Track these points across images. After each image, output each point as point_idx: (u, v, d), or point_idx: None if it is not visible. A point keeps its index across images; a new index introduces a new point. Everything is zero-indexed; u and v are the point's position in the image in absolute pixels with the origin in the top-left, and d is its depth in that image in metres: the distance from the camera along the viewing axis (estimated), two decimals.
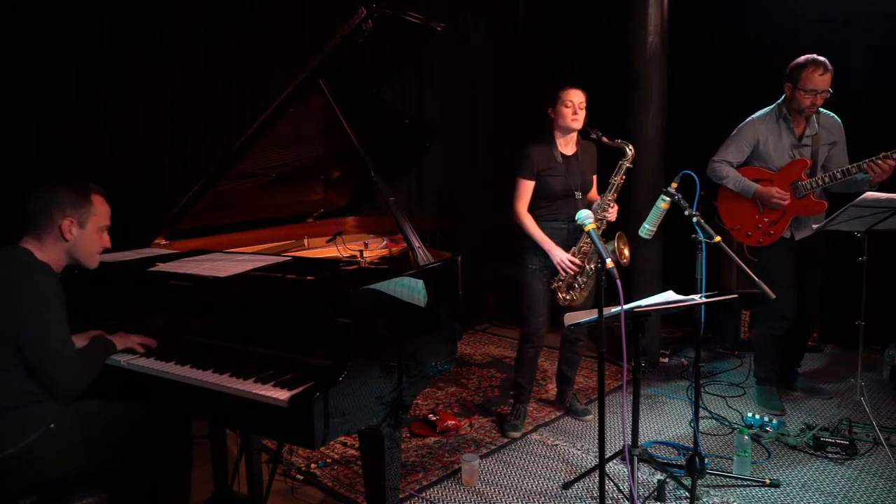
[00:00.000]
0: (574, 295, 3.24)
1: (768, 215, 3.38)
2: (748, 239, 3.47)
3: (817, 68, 3.20)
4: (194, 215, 2.68)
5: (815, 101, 3.25)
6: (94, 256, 2.06)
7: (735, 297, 2.93)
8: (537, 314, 3.34)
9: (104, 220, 2.05)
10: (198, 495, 2.52)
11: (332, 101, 2.32)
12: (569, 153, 3.28)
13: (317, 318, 1.91)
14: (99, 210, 2.02)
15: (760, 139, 3.41)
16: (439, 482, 2.90)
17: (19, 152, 3.02)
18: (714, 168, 3.48)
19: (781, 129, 3.39)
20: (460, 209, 4.99)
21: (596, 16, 5.63)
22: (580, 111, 3.18)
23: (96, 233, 2.03)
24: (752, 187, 3.38)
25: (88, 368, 1.98)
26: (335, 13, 3.90)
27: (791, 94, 3.30)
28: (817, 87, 3.21)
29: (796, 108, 3.31)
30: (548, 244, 3.21)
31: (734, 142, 3.48)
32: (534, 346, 3.41)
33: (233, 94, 3.72)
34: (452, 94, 4.98)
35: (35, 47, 3.03)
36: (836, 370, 4.14)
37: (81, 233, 1.98)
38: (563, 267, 3.17)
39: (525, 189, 3.25)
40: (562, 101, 3.18)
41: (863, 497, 2.71)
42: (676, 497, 2.73)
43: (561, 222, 3.26)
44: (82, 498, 1.85)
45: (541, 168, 3.21)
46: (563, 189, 3.22)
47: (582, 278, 3.21)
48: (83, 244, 2.00)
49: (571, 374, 3.58)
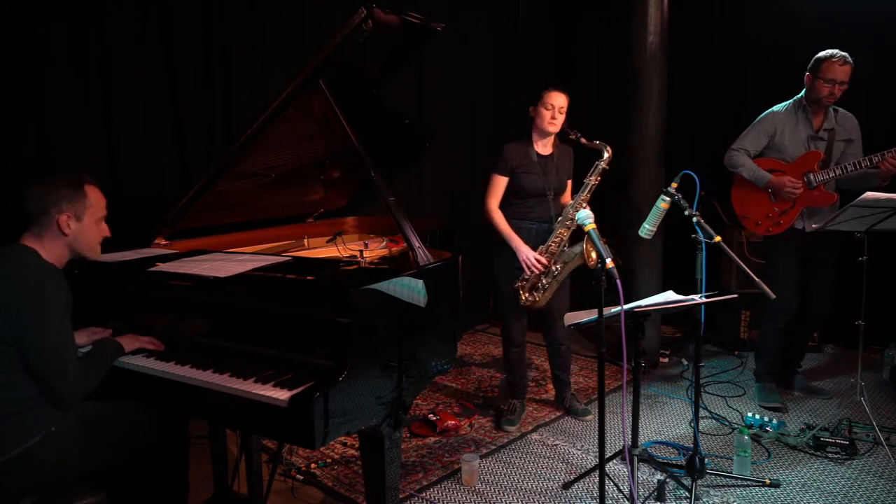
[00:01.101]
0: (537, 296, 3.21)
1: (779, 205, 3.41)
2: (758, 228, 3.49)
3: (837, 59, 3.25)
4: (194, 215, 2.68)
5: (834, 92, 3.28)
6: (95, 248, 2.05)
7: (735, 297, 2.93)
8: (513, 313, 3.36)
9: (101, 210, 2.03)
10: (198, 495, 2.52)
11: (332, 101, 2.32)
12: (545, 153, 3.29)
13: (317, 318, 1.91)
14: (94, 201, 2.01)
15: (778, 129, 3.46)
16: (439, 482, 2.90)
17: (19, 152, 3.02)
18: (731, 156, 3.52)
19: (799, 120, 3.43)
20: (460, 209, 4.99)
21: (596, 16, 5.64)
22: (559, 115, 3.18)
23: (94, 224, 2.02)
24: (765, 177, 3.41)
25: (92, 375, 1.97)
26: (335, 13, 3.90)
27: (811, 83, 3.35)
28: (836, 78, 3.25)
29: (814, 98, 3.34)
30: (515, 241, 3.21)
31: (753, 130, 3.52)
32: (516, 345, 3.43)
33: (233, 94, 3.72)
34: (452, 94, 4.97)
35: (35, 47, 3.03)
36: (836, 370, 4.14)
37: (80, 226, 1.97)
38: (529, 265, 3.17)
39: (497, 185, 3.27)
40: (542, 103, 3.19)
41: (863, 497, 2.71)
42: (676, 497, 2.73)
43: (531, 221, 3.27)
44: (82, 498, 1.85)
45: (515, 165, 3.23)
46: (535, 188, 3.23)
47: (546, 279, 3.19)
48: (83, 237, 1.99)
49: (565, 377, 3.56)
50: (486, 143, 5.26)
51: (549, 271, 3.17)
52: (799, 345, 3.81)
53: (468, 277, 2.43)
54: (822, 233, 3.32)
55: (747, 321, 4.49)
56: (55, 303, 1.87)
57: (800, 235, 3.43)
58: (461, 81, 5.03)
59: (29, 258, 1.90)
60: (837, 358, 4.37)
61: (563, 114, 3.19)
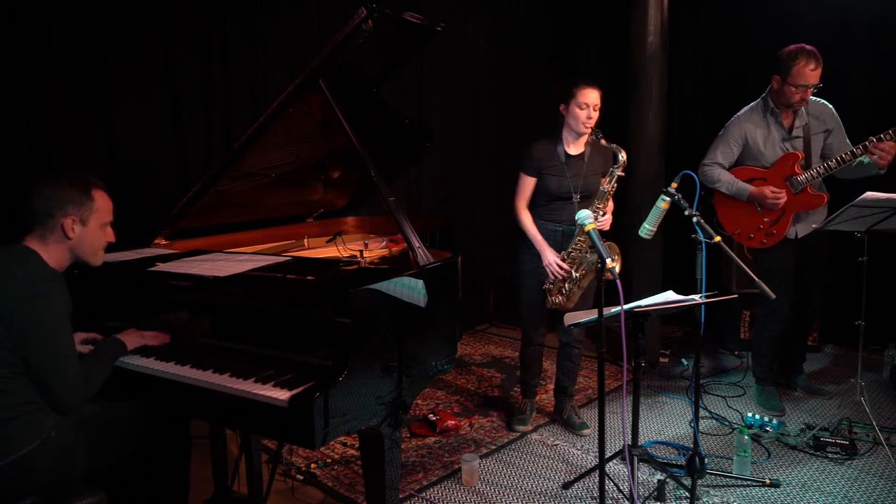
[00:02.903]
0: (562, 300, 3.16)
1: (768, 215, 3.28)
2: (751, 241, 3.37)
3: (808, 62, 3.07)
4: (194, 215, 2.68)
5: (805, 96, 3.14)
6: (97, 254, 2.01)
7: (735, 297, 2.93)
8: (535, 313, 3.32)
9: (107, 216, 2.00)
10: (198, 495, 2.52)
11: (332, 101, 2.32)
12: (574, 153, 3.13)
13: (317, 318, 1.91)
14: (101, 206, 1.97)
15: (749, 137, 3.32)
16: (439, 482, 2.90)
17: (19, 152, 3.02)
18: (705, 172, 3.37)
19: (770, 124, 3.29)
20: (460, 209, 4.99)
21: (596, 16, 5.63)
22: (594, 114, 3.00)
23: (99, 229, 1.98)
24: (746, 189, 3.27)
25: (94, 378, 1.95)
26: (335, 13, 3.91)
27: (779, 87, 3.19)
28: (808, 83, 3.10)
29: (784, 103, 3.21)
30: (540, 244, 3.14)
31: (722, 142, 3.39)
32: (535, 344, 3.39)
33: (233, 94, 3.72)
34: (452, 94, 4.97)
35: (35, 47, 3.03)
36: (836, 370, 4.14)
37: (84, 230, 1.93)
38: (552, 270, 3.12)
39: (525, 185, 3.18)
40: (575, 101, 2.99)
41: (863, 497, 2.71)
42: (676, 497, 2.73)
43: (556, 224, 3.17)
44: (82, 498, 1.85)
45: (541, 165, 3.12)
46: (559, 190, 3.12)
47: (569, 285, 3.12)
48: (86, 242, 1.95)
49: (568, 385, 3.43)
50: (486, 144, 5.27)
51: (571, 277, 3.10)
52: (799, 345, 3.80)
53: (468, 277, 2.43)
54: (812, 235, 3.26)
55: (747, 321, 4.49)
56: (58, 311, 1.85)
57: (792, 243, 3.34)
58: (461, 81, 5.03)
59: (32, 263, 1.87)
60: (837, 358, 4.37)
61: (597, 111, 3.00)
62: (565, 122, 3.10)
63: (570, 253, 3.11)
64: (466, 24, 5.02)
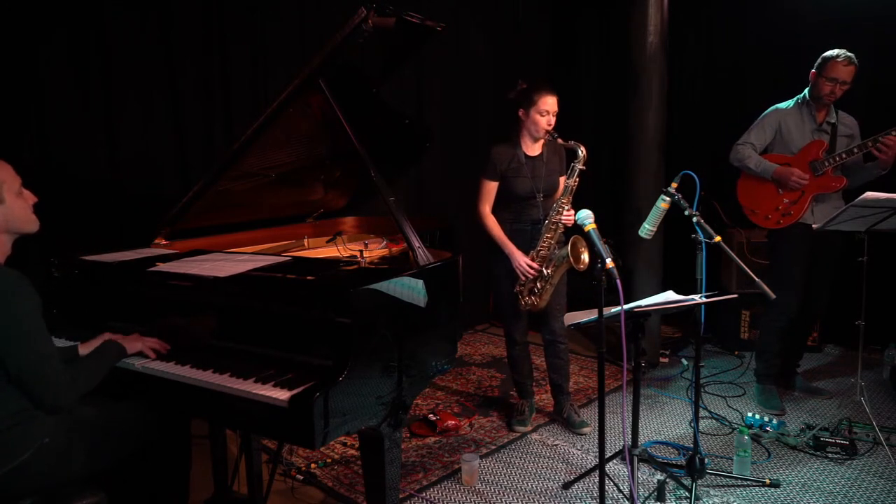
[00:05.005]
0: (535, 299, 3.18)
1: (787, 195, 3.43)
2: (767, 221, 3.50)
3: (842, 60, 3.31)
4: (194, 215, 2.68)
5: (835, 91, 3.34)
6: (28, 221, 1.94)
7: (735, 297, 2.93)
8: (513, 315, 3.35)
9: (14, 182, 1.91)
10: (198, 495, 2.52)
11: (332, 101, 2.32)
12: (533, 154, 3.22)
13: (317, 318, 1.91)
14: (3, 177, 1.88)
15: (783, 124, 3.51)
16: (439, 482, 2.90)
17: (19, 153, 3.01)
18: (737, 150, 3.55)
19: (803, 115, 3.49)
20: (460, 209, 4.98)
21: (596, 16, 5.64)
22: (553, 119, 3.09)
23: (17, 198, 1.90)
24: (772, 167, 3.44)
25: (86, 378, 1.92)
26: (335, 13, 3.90)
27: (814, 80, 3.40)
28: (839, 77, 3.31)
29: (816, 95, 3.41)
30: (508, 247, 3.18)
31: (758, 125, 3.57)
32: (518, 344, 3.41)
33: (233, 94, 3.72)
34: (452, 94, 4.97)
35: (35, 47, 3.03)
36: (836, 370, 4.14)
37: (3, 207, 1.87)
38: (522, 271, 3.15)
39: (488, 190, 3.22)
40: (536, 108, 3.06)
41: (863, 497, 2.71)
42: (676, 497, 2.73)
43: (524, 224, 3.23)
44: (82, 498, 1.85)
45: (503, 169, 3.18)
46: (524, 191, 3.17)
47: (540, 283, 3.15)
48: (12, 216, 1.89)
49: (563, 383, 3.43)
50: (487, 144, 5.23)
51: (542, 275, 3.14)
52: (797, 344, 3.81)
53: (468, 277, 2.43)
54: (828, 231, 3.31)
55: (747, 321, 4.49)
56: (28, 313, 1.79)
57: (807, 232, 3.41)
58: (461, 81, 5.03)
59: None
60: (837, 358, 4.37)
61: (555, 116, 3.09)
62: (524, 126, 3.17)
63: (538, 252, 3.14)
64: (466, 24, 5.02)
